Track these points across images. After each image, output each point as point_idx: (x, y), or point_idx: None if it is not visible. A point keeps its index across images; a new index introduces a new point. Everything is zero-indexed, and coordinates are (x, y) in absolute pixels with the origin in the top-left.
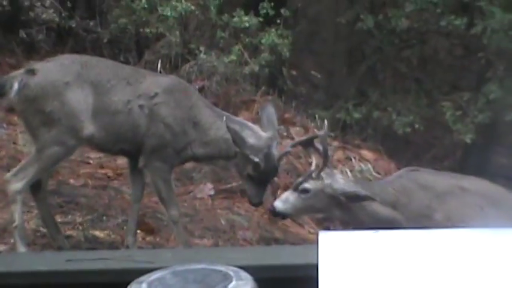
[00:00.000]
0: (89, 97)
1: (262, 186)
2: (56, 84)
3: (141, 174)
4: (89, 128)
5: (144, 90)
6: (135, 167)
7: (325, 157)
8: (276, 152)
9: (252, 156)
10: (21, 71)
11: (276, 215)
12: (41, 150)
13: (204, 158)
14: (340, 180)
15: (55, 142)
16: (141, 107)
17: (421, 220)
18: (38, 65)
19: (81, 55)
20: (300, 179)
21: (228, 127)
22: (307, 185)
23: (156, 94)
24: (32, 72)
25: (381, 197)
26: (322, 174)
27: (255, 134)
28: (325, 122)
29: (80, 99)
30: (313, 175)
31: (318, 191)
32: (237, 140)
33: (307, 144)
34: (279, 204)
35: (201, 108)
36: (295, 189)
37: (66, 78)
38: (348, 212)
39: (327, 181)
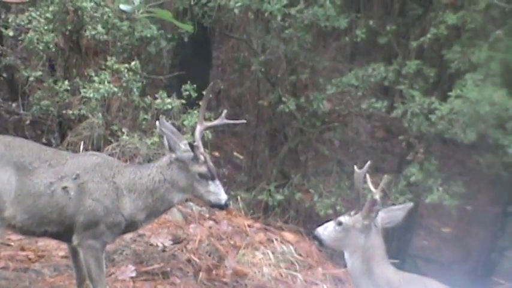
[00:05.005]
0: (11, 178)
1: (217, 182)
2: None
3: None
4: (10, 210)
5: (67, 172)
6: (75, 253)
7: None
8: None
9: (189, 154)
10: None
11: (315, 238)
12: None
13: (144, 212)
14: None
15: None
16: (64, 188)
17: None
18: None
19: (4, 135)
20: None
21: (161, 131)
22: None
23: (78, 175)
24: None
25: (387, 277)
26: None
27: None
28: None
29: (3, 180)
30: (351, 213)
31: (350, 226)
32: (171, 144)
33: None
34: (319, 229)
35: (122, 168)
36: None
37: None
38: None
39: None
